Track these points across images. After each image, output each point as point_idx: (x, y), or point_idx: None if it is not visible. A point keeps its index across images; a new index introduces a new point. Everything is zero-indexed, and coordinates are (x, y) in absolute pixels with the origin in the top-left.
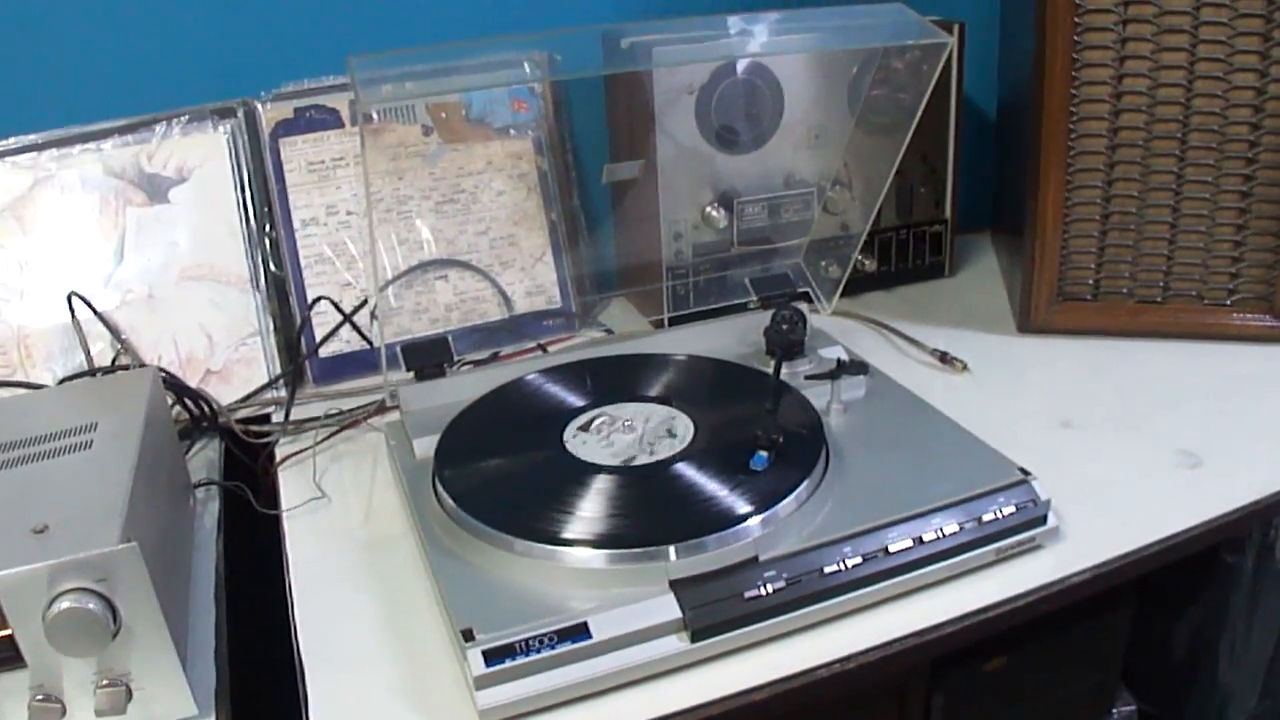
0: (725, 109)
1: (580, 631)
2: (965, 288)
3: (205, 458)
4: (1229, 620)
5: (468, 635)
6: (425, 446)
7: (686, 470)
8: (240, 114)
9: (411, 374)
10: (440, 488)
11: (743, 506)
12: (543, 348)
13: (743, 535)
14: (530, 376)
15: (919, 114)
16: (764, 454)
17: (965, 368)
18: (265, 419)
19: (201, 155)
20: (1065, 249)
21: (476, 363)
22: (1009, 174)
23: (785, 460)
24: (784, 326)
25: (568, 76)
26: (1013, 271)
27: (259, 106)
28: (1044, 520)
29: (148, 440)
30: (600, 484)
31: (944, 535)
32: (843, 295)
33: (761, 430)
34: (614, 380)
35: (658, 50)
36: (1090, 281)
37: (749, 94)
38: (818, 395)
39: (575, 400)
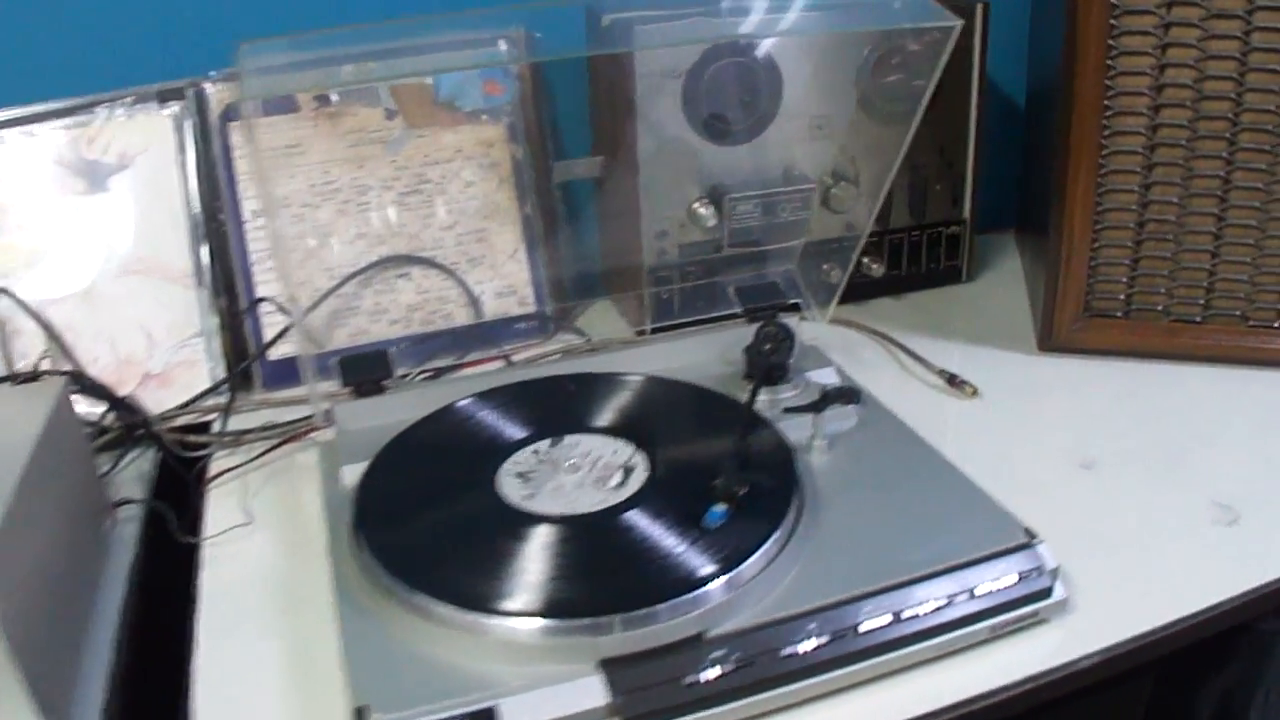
0: (716, 95)
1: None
2: (983, 295)
3: (139, 470)
4: (1260, 690)
5: (361, 715)
6: (352, 476)
7: (633, 523)
8: (190, 95)
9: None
10: (356, 533)
11: (692, 571)
12: (507, 358)
13: (688, 607)
14: (464, 403)
15: (924, 103)
16: (721, 509)
17: (975, 392)
18: (206, 428)
19: (145, 140)
20: (1094, 260)
21: (437, 371)
22: (1036, 170)
23: (749, 514)
24: (766, 347)
25: (518, 62)
26: (1036, 279)
27: (208, 88)
28: (1050, 592)
29: (39, 460)
30: (533, 538)
31: (928, 611)
32: (848, 302)
33: (721, 478)
34: (563, 406)
35: (639, 30)
36: (1121, 297)
37: (743, 78)
38: (799, 428)
39: (516, 431)
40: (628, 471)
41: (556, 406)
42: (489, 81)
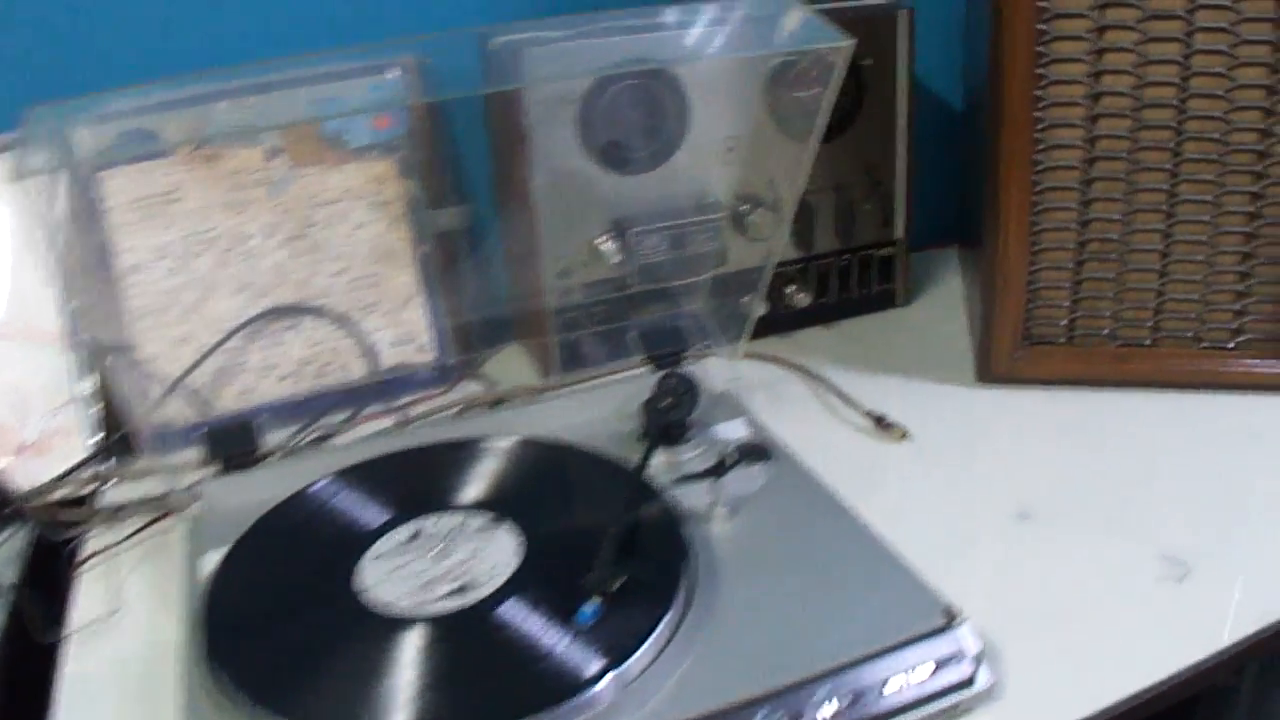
0: (614, 121)
1: None
2: (920, 321)
3: (13, 549)
4: None
5: None
6: (208, 566)
7: (505, 620)
8: (57, 139)
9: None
10: (202, 636)
11: (567, 675)
12: (404, 411)
13: (571, 714)
14: (323, 484)
15: (821, 124)
16: (592, 606)
17: (905, 436)
18: (86, 501)
19: (6, 193)
20: (1032, 284)
21: (326, 433)
22: (974, 184)
23: (630, 605)
24: (664, 403)
25: (391, 107)
26: (976, 300)
27: (75, 131)
28: (972, 681)
29: None
30: (394, 645)
31: (830, 716)
32: (774, 334)
33: (593, 569)
34: (434, 479)
35: (528, 55)
36: (1063, 322)
37: (644, 101)
38: (699, 493)
39: (379, 514)
40: (501, 558)
41: (426, 481)
42: (378, 113)
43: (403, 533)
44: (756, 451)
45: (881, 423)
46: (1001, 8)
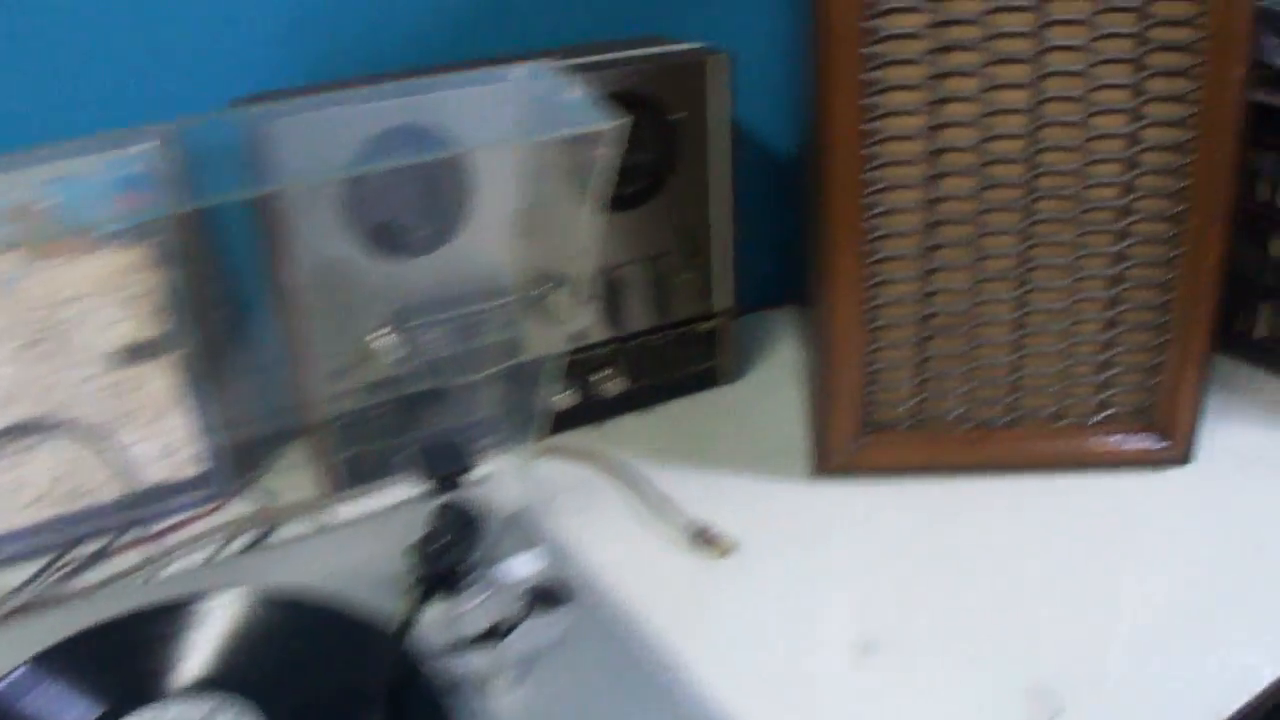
0: (387, 198)
1: None
2: (750, 398)
3: None
4: None
5: None
6: None
7: None
8: None
9: None
10: None
11: None
12: (162, 538)
13: None
14: (12, 681)
15: (597, 198)
16: None
17: (730, 550)
18: None
19: None
20: (871, 364)
21: (74, 568)
22: (809, 243)
23: None
24: (438, 544)
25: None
26: (814, 370)
27: None
28: None
29: None
30: None
31: None
32: (587, 423)
33: None
34: (157, 655)
35: (279, 127)
36: (908, 405)
37: (419, 176)
38: (479, 657)
39: (80, 711)
40: None
41: (147, 658)
42: (124, 194)
43: None
44: (551, 595)
45: (705, 535)
46: (822, 56)
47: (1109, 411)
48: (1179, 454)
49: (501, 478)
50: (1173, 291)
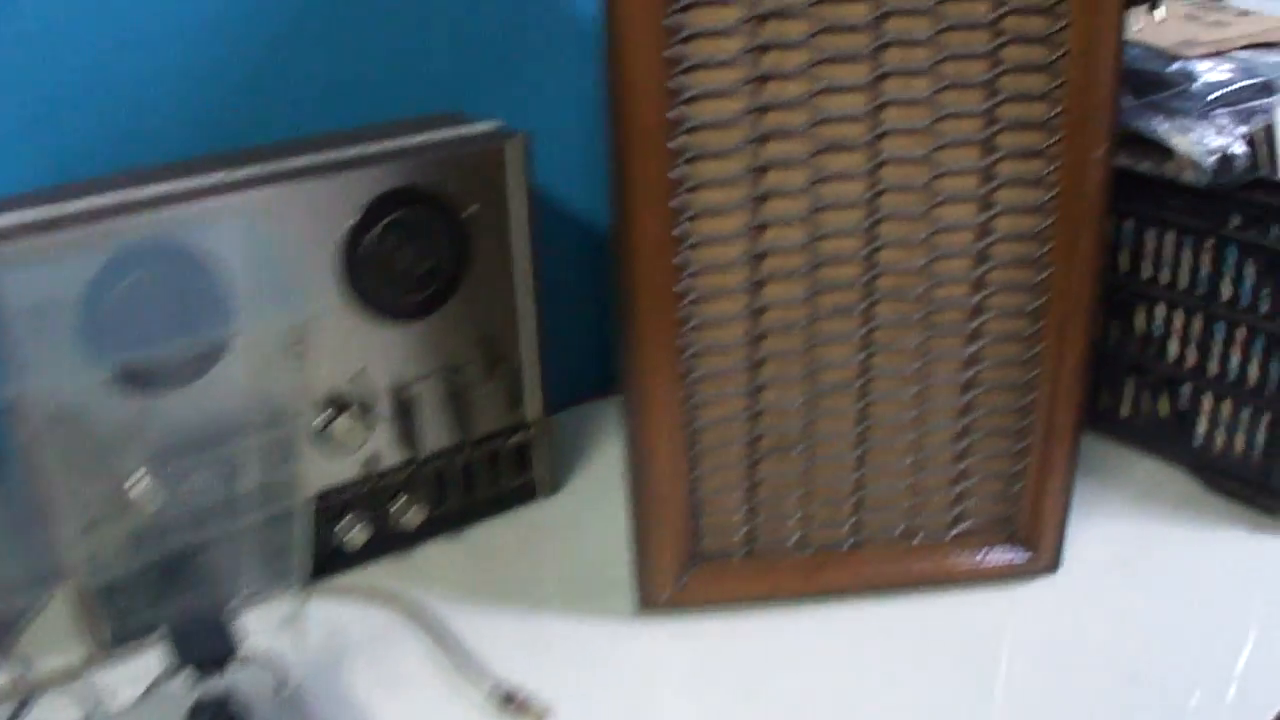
0: (132, 325)
1: None
2: (573, 514)
3: None
4: None
5: None
6: None
7: None
8: None
9: None
10: None
11: None
12: None
13: None
14: None
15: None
16: None
17: (543, 717)
18: None
19: None
20: (695, 491)
21: None
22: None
23: None
24: None
25: None
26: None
27: None
28: None
29: None
30: None
31: None
32: (388, 555)
33: None
34: None
35: None
36: (740, 533)
37: (172, 292)
38: None
39: None
40: None
41: None
42: None
43: None
44: None
45: (514, 701)
46: (623, 153)
47: (965, 525)
48: (1045, 564)
49: (275, 640)
50: (1033, 393)
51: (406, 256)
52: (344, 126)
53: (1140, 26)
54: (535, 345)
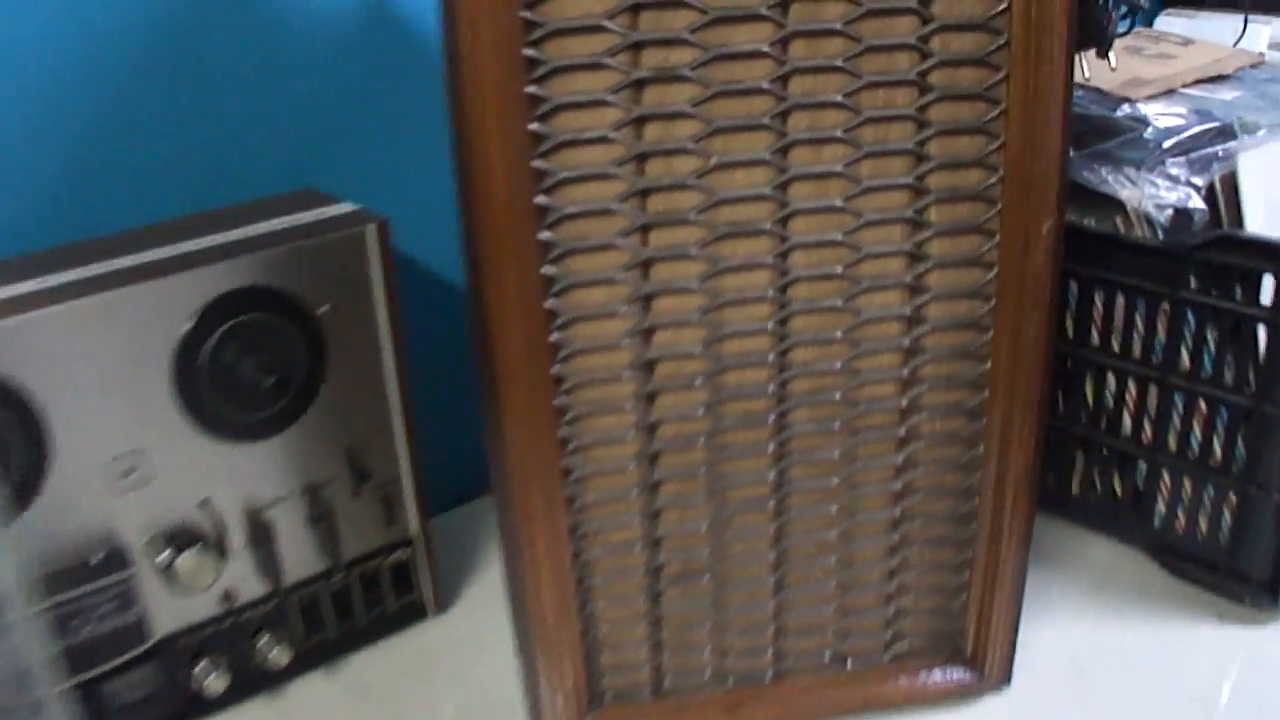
0: None
1: None
2: (466, 635)
3: None
4: None
5: None
6: None
7: None
8: None
9: None
10: None
11: None
12: None
13: None
14: None
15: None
16: None
17: None
18: None
19: None
20: (590, 629)
21: None
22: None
23: None
24: None
25: None
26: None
27: None
28: None
29: None
30: None
31: None
32: (261, 693)
33: None
34: None
35: None
36: (646, 669)
37: None
38: None
39: None
40: None
41: None
42: None
43: None
44: None
45: None
46: (479, 248)
47: (903, 646)
48: (995, 680)
49: None
50: (975, 499)
51: (250, 367)
52: (181, 213)
53: (1089, 75)
54: (408, 453)
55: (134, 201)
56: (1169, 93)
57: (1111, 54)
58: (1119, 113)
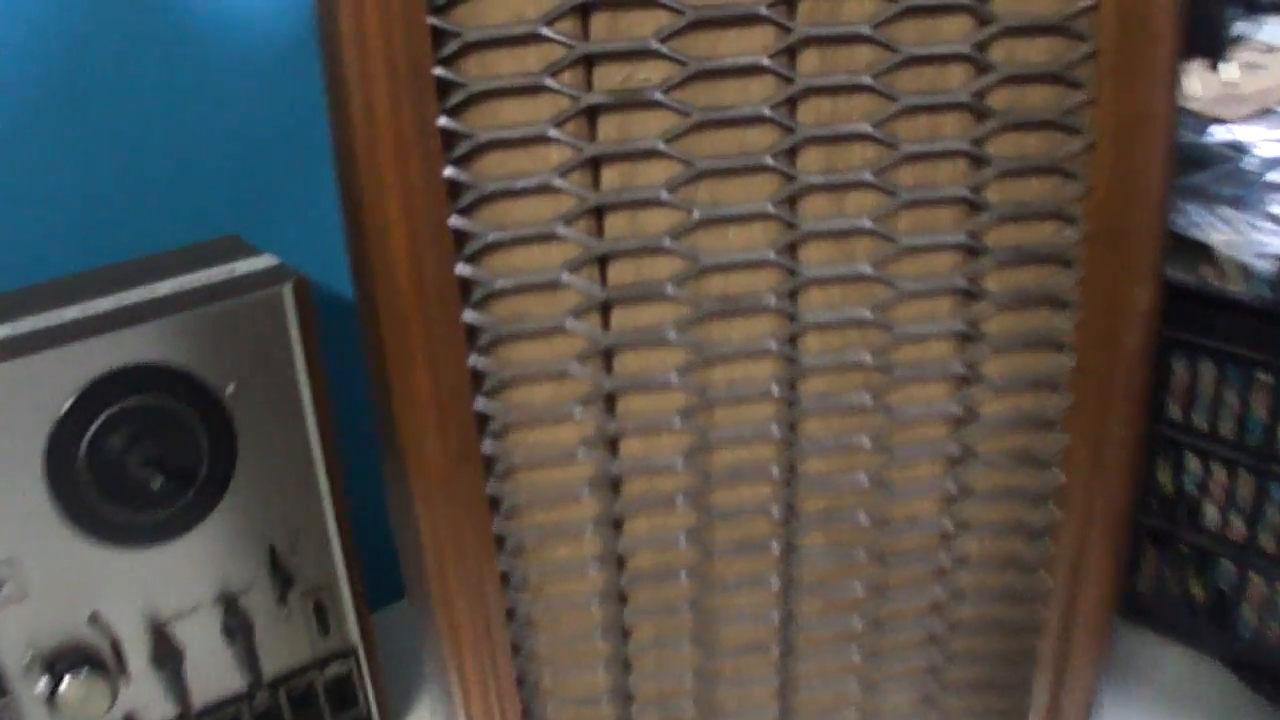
0: None
1: None
2: None
3: None
4: None
5: None
6: None
7: None
8: None
9: None
10: None
11: None
12: None
13: None
14: None
15: None
16: None
17: None
18: None
19: None
20: None
21: None
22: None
23: None
24: None
25: None
26: None
27: None
28: None
29: None
30: None
31: None
32: None
33: None
34: None
35: None
36: None
37: None
38: None
39: None
40: None
41: None
42: None
43: None
44: None
45: None
46: (384, 338)
47: None
48: None
49: None
50: (1035, 637)
51: (138, 461)
52: (74, 270)
53: (1203, 93)
54: (342, 549)
55: (18, 257)
56: (1266, 112)
57: (1226, 65)
58: (1212, 138)
